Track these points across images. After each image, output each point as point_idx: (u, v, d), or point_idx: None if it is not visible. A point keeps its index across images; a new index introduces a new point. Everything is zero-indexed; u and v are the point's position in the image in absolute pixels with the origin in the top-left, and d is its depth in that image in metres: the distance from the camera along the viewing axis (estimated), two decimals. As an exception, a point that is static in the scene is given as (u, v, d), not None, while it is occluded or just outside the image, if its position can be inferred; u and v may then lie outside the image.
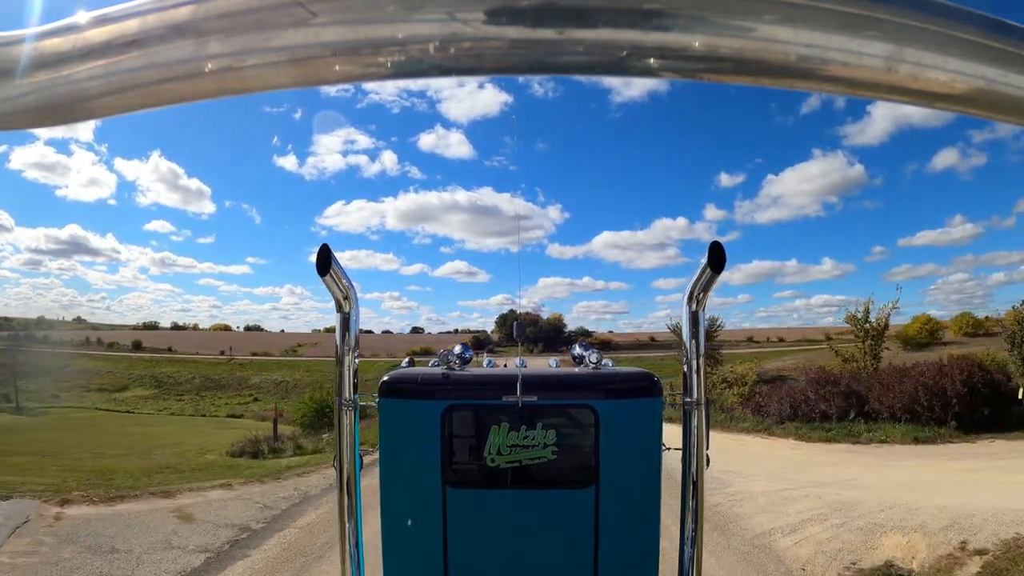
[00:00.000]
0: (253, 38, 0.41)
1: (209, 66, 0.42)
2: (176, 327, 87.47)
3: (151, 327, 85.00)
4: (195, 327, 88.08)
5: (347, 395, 1.97)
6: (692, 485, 1.93)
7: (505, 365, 2.97)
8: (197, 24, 0.41)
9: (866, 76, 0.41)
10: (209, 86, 0.43)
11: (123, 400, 51.42)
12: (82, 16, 0.43)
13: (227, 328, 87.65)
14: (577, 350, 2.42)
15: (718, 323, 45.14)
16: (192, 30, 0.41)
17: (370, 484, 2.06)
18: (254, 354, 66.94)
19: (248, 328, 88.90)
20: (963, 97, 0.42)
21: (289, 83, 0.44)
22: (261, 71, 0.42)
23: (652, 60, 0.40)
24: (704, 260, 1.75)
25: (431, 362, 2.43)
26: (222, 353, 65.99)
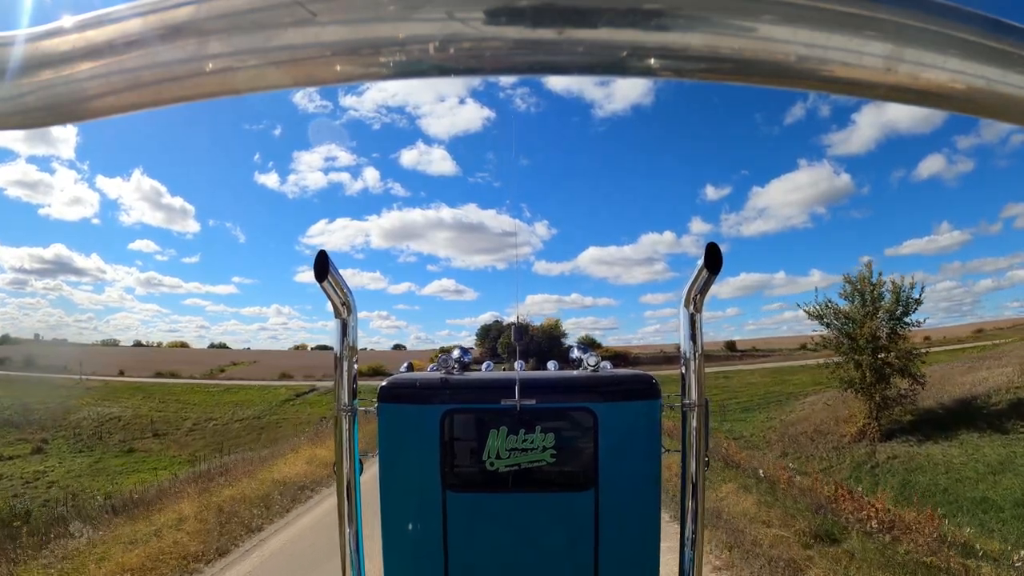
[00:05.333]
0: (253, 38, 0.41)
1: (209, 66, 0.42)
2: (138, 345, 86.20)
3: (110, 344, 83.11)
4: (158, 345, 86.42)
5: (345, 401, 1.97)
6: (692, 487, 1.93)
7: (504, 369, 2.97)
8: (197, 24, 0.41)
9: (866, 76, 0.41)
10: (209, 86, 0.43)
11: None
12: (82, 16, 0.43)
13: (184, 345, 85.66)
14: (576, 352, 2.42)
15: (916, 291, 22.48)
16: (192, 30, 0.41)
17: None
18: (158, 375, 57.79)
19: (212, 346, 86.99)
20: (963, 97, 0.42)
21: (289, 83, 0.44)
22: (261, 71, 0.42)
23: (652, 60, 0.40)
24: (700, 262, 1.75)
25: (429, 367, 2.43)
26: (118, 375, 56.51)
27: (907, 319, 22.90)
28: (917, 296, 22.87)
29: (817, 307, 24.47)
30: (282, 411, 44.70)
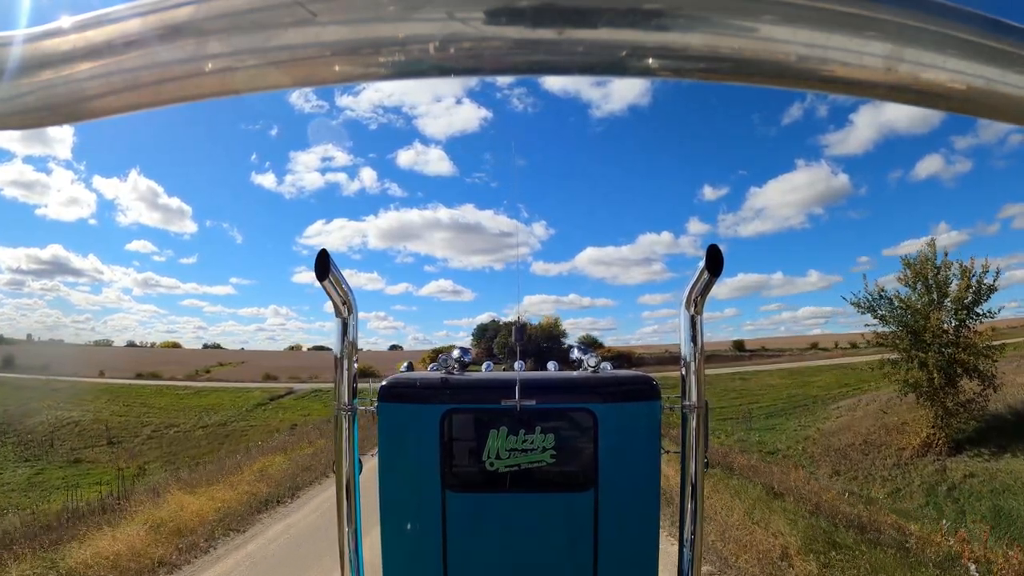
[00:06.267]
0: (253, 38, 0.41)
1: (209, 66, 0.42)
2: (131, 345, 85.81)
3: (104, 345, 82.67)
4: (152, 345, 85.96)
5: (345, 400, 1.97)
6: (691, 488, 1.93)
7: (504, 369, 2.97)
8: (197, 24, 0.41)
9: (866, 76, 0.41)
10: (209, 86, 0.43)
11: None
12: (82, 16, 0.43)
13: (177, 345, 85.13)
14: (576, 353, 2.42)
15: (990, 275, 18.50)
16: (192, 30, 0.41)
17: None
18: (139, 376, 54.89)
19: (207, 346, 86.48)
20: (963, 97, 0.42)
21: (289, 83, 0.44)
22: (261, 71, 0.42)
23: (652, 60, 0.40)
24: (701, 264, 1.75)
25: (430, 367, 2.43)
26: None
27: (978, 309, 18.79)
28: (991, 281, 18.64)
29: (868, 298, 20.27)
30: (252, 416, 40.29)
